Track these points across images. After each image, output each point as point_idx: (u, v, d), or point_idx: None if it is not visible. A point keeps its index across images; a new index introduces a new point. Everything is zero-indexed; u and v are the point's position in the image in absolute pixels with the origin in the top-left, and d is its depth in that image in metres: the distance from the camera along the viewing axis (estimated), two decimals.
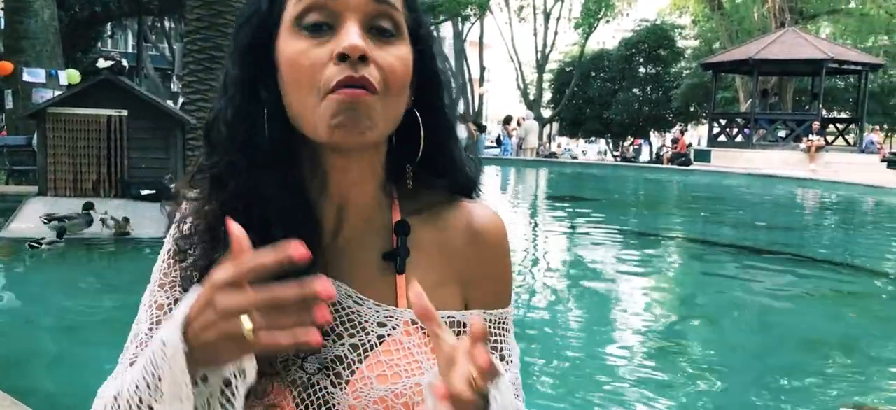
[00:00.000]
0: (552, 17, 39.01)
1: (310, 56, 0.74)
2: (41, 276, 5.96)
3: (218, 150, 0.80)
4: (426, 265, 0.85)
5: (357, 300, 0.81)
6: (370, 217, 0.85)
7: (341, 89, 0.73)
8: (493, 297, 0.87)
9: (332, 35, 0.75)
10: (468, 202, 0.89)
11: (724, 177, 17.09)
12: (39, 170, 8.24)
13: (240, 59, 0.79)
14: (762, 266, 7.07)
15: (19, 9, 14.04)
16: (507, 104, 43.62)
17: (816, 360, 4.34)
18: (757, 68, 19.94)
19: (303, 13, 0.75)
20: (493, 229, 0.88)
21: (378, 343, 0.80)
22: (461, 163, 0.88)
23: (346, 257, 0.84)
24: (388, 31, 0.77)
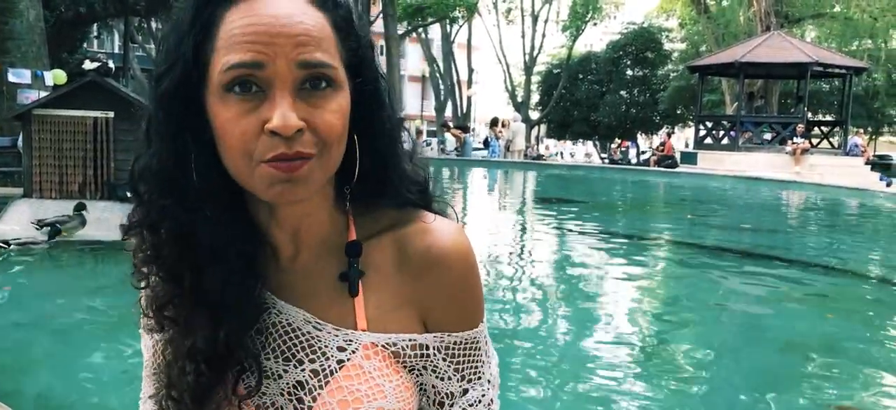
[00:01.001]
0: (540, 19, 39.21)
1: (240, 125, 0.72)
2: (27, 279, 5.92)
3: (147, 200, 0.79)
4: (384, 286, 0.83)
5: (316, 325, 0.81)
6: (326, 240, 0.84)
7: (275, 164, 0.72)
8: (457, 320, 0.85)
9: (263, 98, 0.72)
10: (429, 219, 0.86)
11: (710, 179, 17.21)
12: (25, 171, 8.19)
13: (166, 106, 0.75)
14: (747, 268, 7.15)
15: (4, 9, 13.93)
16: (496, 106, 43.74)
17: (801, 363, 4.38)
18: (743, 71, 20.08)
19: (230, 81, 0.72)
20: (455, 250, 0.84)
21: (338, 369, 0.80)
22: (408, 175, 0.87)
23: (305, 282, 0.83)
24: (322, 83, 0.74)
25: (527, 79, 39.88)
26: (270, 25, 0.71)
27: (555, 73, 38.08)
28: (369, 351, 0.81)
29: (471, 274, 0.86)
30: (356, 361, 0.80)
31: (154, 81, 0.77)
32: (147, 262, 0.82)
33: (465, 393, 0.85)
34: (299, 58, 0.72)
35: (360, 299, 0.82)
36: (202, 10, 0.74)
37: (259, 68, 0.71)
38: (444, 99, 40.22)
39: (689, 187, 16.62)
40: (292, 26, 0.72)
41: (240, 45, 0.71)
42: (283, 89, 0.71)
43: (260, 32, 0.71)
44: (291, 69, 0.72)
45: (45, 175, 7.95)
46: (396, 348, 0.82)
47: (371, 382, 0.80)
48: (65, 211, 6.84)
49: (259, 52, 0.71)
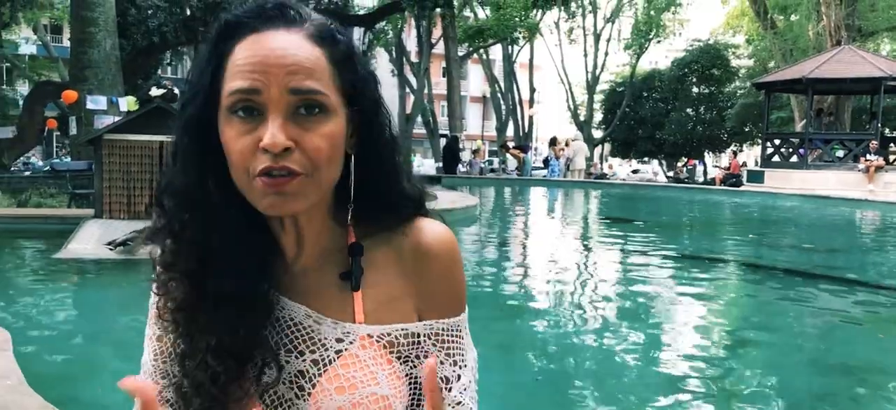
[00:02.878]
0: (602, 38, 38.94)
1: (239, 143, 0.82)
2: (96, 294, 6.21)
3: (170, 212, 0.89)
4: (381, 282, 0.93)
5: (316, 319, 0.90)
6: (326, 245, 0.93)
7: (266, 177, 0.81)
8: (446, 307, 0.95)
9: (261, 121, 0.82)
10: (420, 220, 0.96)
11: (778, 198, 16.71)
12: (96, 193, 8.59)
13: (191, 130, 0.86)
14: (817, 290, 6.84)
15: (83, 40, 14.67)
16: (558, 125, 43.52)
17: (874, 390, 4.18)
18: (811, 87, 19.47)
19: (233, 105, 0.82)
20: (443, 244, 0.95)
21: (336, 358, 0.88)
22: (407, 194, 0.95)
23: (307, 280, 0.92)
24: (315, 109, 0.83)
25: (589, 98, 39.59)
26: (266, 57, 0.82)
27: (618, 91, 37.71)
28: (365, 342, 0.89)
29: (456, 265, 0.96)
30: (353, 351, 0.88)
31: (180, 108, 0.89)
32: (168, 268, 0.90)
33: (458, 378, 0.94)
34: (290, 85, 0.81)
35: (358, 294, 0.91)
36: (217, 46, 0.86)
37: (256, 94, 0.81)
38: (505, 119, 40.25)
39: (755, 206, 16.18)
40: (286, 58, 0.82)
41: (241, 74, 0.82)
42: (275, 112, 0.81)
43: (257, 63, 0.82)
44: (283, 94, 0.81)
45: (115, 196, 8.32)
46: (391, 338, 0.91)
47: (366, 370, 0.88)
48: (133, 231, 7.15)
49: (255, 79, 0.81)
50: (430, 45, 35.35)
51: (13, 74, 35.99)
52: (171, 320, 0.90)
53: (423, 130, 40.43)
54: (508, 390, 3.93)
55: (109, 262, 6.82)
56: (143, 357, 0.97)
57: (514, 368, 4.32)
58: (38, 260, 7.53)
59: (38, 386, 2.96)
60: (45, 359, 4.00)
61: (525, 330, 5.27)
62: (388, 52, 38.62)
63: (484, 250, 9.28)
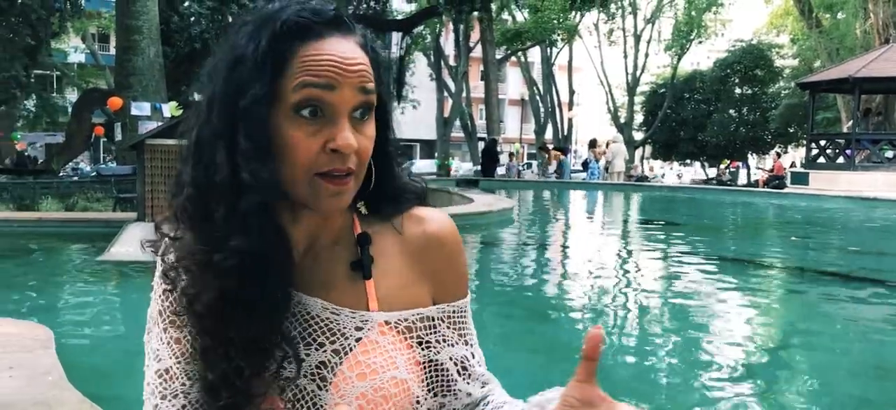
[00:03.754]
0: (642, 39, 38.56)
1: (307, 144, 0.84)
2: (136, 296, 6.34)
3: (208, 198, 0.86)
4: (391, 269, 0.96)
5: (333, 311, 0.91)
6: (337, 236, 0.96)
7: (329, 179, 0.85)
8: (454, 290, 1.00)
9: (325, 122, 0.85)
10: (422, 210, 1.01)
11: (823, 200, 16.32)
12: (138, 197, 8.78)
13: (257, 128, 0.84)
14: (864, 295, 6.65)
15: (128, 48, 15.04)
16: (598, 127, 43.17)
17: None
18: (858, 86, 19.00)
19: (303, 101, 0.84)
20: (448, 230, 1.00)
21: (356, 346, 0.90)
22: (407, 185, 1.01)
23: (319, 274, 0.94)
24: (365, 114, 0.88)
25: (630, 100, 39.22)
26: (342, 59, 0.86)
27: (659, 93, 37.25)
28: (384, 328, 0.92)
29: (460, 249, 1.02)
30: (372, 337, 0.91)
31: (236, 103, 0.85)
32: (185, 269, 0.89)
33: (474, 356, 1.00)
34: (360, 84, 0.87)
35: (371, 283, 0.94)
36: (276, 44, 0.85)
37: (330, 90, 0.85)
38: (543, 121, 40.08)
39: (800, 208, 15.82)
40: (356, 61, 0.87)
41: (315, 72, 0.85)
42: (344, 114, 0.86)
43: (333, 63, 0.85)
44: (354, 94, 0.86)
45: (156, 200, 8.47)
46: (408, 323, 0.94)
47: (385, 355, 0.90)
48: None
49: (333, 76, 0.85)
50: (468, 48, 35.42)
51: (62, 82, 37.04)
52: (190, 315, 0.89)
53: (461, 134, 40.46)
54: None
55: (151, 264, 6.95)
56: (159, 363, 0.92)
57: (550, 371, 4.30)
58: (82, 262, 7.73)
59: (77, 382, 3.03)
60: (85, 357, 4.10)
61: (562, 334, 5.23)
62: (426, 56, 38.78)
63: (520, 253, 9.24)
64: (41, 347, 3.49)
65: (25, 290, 6.32)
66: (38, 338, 3.62)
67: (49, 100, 33.84)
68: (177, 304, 0.91)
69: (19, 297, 6.03)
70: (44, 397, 2.82)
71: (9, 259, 8.02)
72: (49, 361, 3.26)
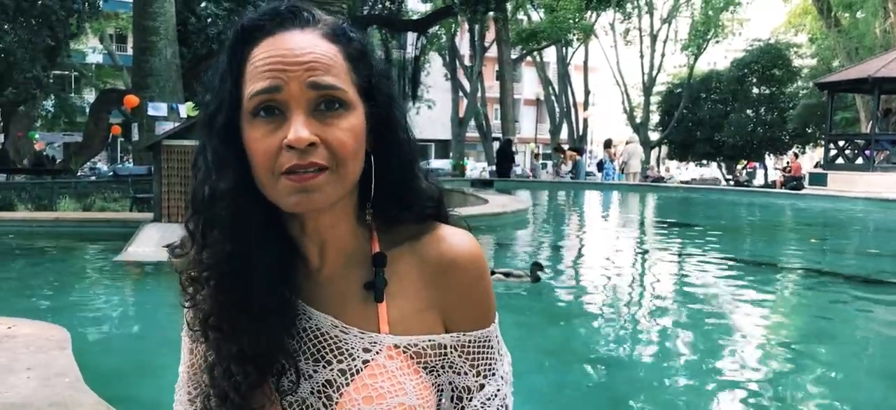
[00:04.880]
0: (659, 39, 38.32)
1: (264, 144, 0.83)
2: (153, 296, 6.38)
3: (201, 221, 0.89)
4: (405, 293, 0.92)
5: (343, 329, 0.90)
6: (350, 251, 0.93)
7: (292, 175, 0.82)
8: (472, 320, 0.94)
9: (284, 119, 0.83)
10: (444, 229, 0.95)
11: (842, 201, 16.14)
12: (155, 198, 8.83)
13: (224, 138, 0.87)
14: (884, 297, 6.59)
15: (145, 49, 15.15)
16: (613, 127, 42.98)
17: None
18: (878, 86, 18.77)
19: (255, 107, 0.84)
20: (468, 256, 0.93)
21: (363, 368, 0.88)
22: (425, 192, 0.95)
23: (332, 289, 0.92)
24: (336, 105, 0.85)
25: (646, 100, 39.01)
26: (284, 56, 0.84)
27: (676, 93, 37.00)
28: (392, 352, 0.89)
29: (483, 276, 0.95)
30: (380, 361, 0.89)
31: (207, 117, 0.90)
32: (194, 281, 0.91)
33: (481, 389, 0.93)
34: (309, 80, 0.83)
35: (383, 305, 0.91)
36: (234, 51, 0.87)
37: (277, 91, 0.83)
38: (559, 121, 39.97)
39: (818, 210, 15.67)
40: (303, 55, 0.84)
41: (260, 75, 0.84)
42: (297, 109, 0.83)
43: (276, 62, 0.84)
44: (303, 91, 0.83)
45: (173, 200, 8.51)
46: (417, 348, 0.91)
47: (393, 380, 0.88)
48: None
49: (275, 77, 0.83)
50: (484, 48, 35.36)
51: (80, 83, 37.38)
52: (200, 331, 0.91)
53: (476, 134, 40.44)
54: (558, 395, 3.89)
55: (167, 265, 6.99)
56: (181, 368, 1.02)
57: (564, 373, 4.28)
58: (99, 262, 7.79)
59: (94, 384, 3.04)
60: (101, 358, 4.13)
61: (577, 335, 5.21)
62: (441, 56, 38.75)
63: (534, 255, 9.21)
64: (57, 348, 3.51)
65: (42, 290, 6.38)
66: (54, 339, 3.65)
67: (67, 101, 34.23)
68: (192, 317, 0.94)
69: (36, 297, 6.09)
70: (60, 398, 2.83)
71: (26, 258, 8.11)
72: (65, 362, 3.28)
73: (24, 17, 17.36)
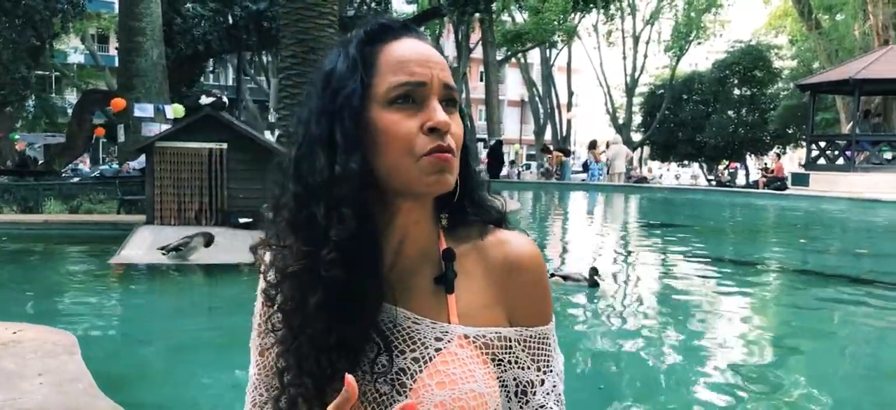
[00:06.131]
0: (641, 40, 38.57)
1: (404, 126, 0.91)
2: (150, 299, 6.37)
3: (321, 197, 0.91)
4: (472, 289, 0.98)
5: (415, 320, 0.95)
6: (423, 249, 0.99)
7: (434, 154, 0.90)
8: (533, 317, 1.00)
9: (418, 109, 0.92)
10: (505, 233, 1.03)
11: (824, 201, 16.35)
12: (147, 200, 8.78)
13: (355, 120, 0.91)
14: (866, 297, 6.69)
15: (131, 49, 15.06)
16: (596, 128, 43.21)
17: None
18: (858, 88, 19.03)
19: (397, 95, 0.92)
20: (530, 257, 1.01)
21: (436, 355, 0.93)
22: (491, 203, 1.04)
23: (403, 284, 0.97)
24: (452, 105, 0.96)
25: (628, 101, 39.22)
26: (428, 56, 0.95)
27: (658, 94, 37.20)
28: (463, 342, 0.94)
29: (543, 276, 1.02)
30: (452, 349, 0.93)
31: (334, 104, 0.93)
32: (286, 277, 0.94)
33: (542, 383, 0.99)
34: (444, 79, 0.95)
35: (452, 297, 0.97)
36: (363, 48, 0.95)
37: (422, 86, 0.92)
38: (543, 122, 40.11)
39: (801, 210, 15.87)
40: (438, 58, 0.96)
41: (407, 69, 0.93)
42: (436, 99, 0.93)
43: (422, 58, 0.94)
44: (440, 86, 0.94)
45: (165, 203, 8.49)
46: (485, 339, 0.96)
47: (464, 367, 0.93)
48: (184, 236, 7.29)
49: (422, 73, 0.93)
50: (469, 49, 35.41)
51: (62, 83, 36.97)
52: (286, 329, 0.94)
53: None
54: None
55: (162, 267, 6.99)
56: (251, 369, 1.05)
57: None
58: (94, 266, 7.74)
59: (104, 389, 3.06)
60: (108, 363, 4.12)
61: (563, 335, 5.24)
62: None
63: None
64: (66, 353, 3.51)
65: (39, 294, 6.34)
66: (62, 344, 3.65)
67: (48, 101, 33.82)
68: (273, 320, 0.97)
69: (34, 301, 6.05)
70: (76, 404, 2.85)
71: (18, 262, 8.04)
72: (76, 367, 3.29)
73: (7, 17, 17.17)
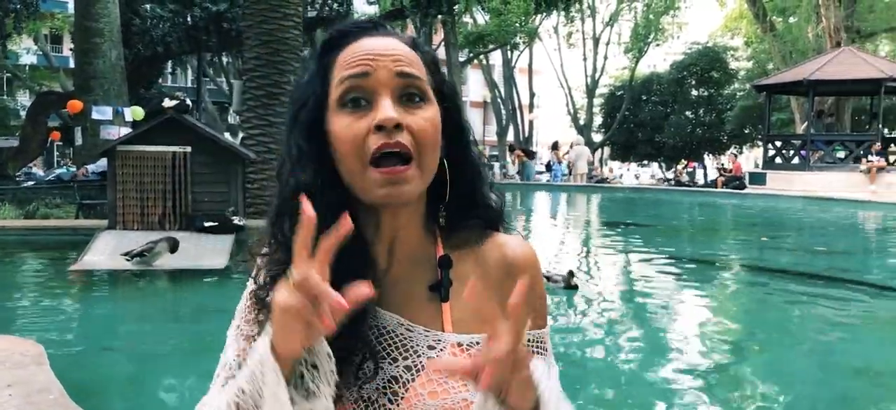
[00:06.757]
0: (601, 42, 38.99)
1: (353, 129, 0.89)
2: (114, 306, 6.25)
3: (286, 211, 0.91)
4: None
5: (408, 327, 0.93)
6: (416, 253, 0.97)
7: (382, 167, 0.87)
8: (530, 321, 0.97)
9: (370, 109, 0.89)
10: (502, 236, 1.02)
11: (781, 200, 16.75)
12: (109, 204, 8.60)
13: (306, 135, 0.92)
14: (821, 292, 6.88)
15: (88, 50, 14.73)
16: (558, 129, 43.55)
17: (879, 389, 4.24)
18: (812, 89, 19.54)
19: (343, 94, 0.90)
20: (526, 259, 1.00)
21: (428, 364, 0.91)
22: (489, 200, 1.02)
23: (397, 290, 0.95)
24: (416, 98, 0.91)
25: (589, 102, 39.61)
26: (373, 47, 0.91)
27: (617, 95, 37.67)
28: (456, 350, 0.92)
29: (539, 279, 1.01)
30: (444, 357, 0.91)
31: (292, 113, 0.95)
32: (274, 281, 0.90)
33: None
34: (397, 68, 0.90)
35: (447, 305, 0.95)
36: (322, 58, 0.95)
37: (365, 77, 0.89)
38: (505, 123, 40.30)
39: (758, 209, 16.22)
40: (390, 49, 0.92)
41: (350, 65, 0.91)
42: (385, 94, 0.89)
43: (366, 52, 0.91)
44: (391, 77, 0.89)
45: (128, 207, 8.33)
46: (479, 347, 0.90)
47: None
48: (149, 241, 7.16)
49: (365, 64, 0.90)
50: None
51: (13, 85, 36.03)
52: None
53: None
54: None
55: (126, 273, 6.86)
56: (225, 355, 0.97)
57: None
58: (55, 272, 7.56)
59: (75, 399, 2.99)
60: (76, 372, 4.03)
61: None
62: None
63: None
64: (34, 363, 3.43)
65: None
66: (30, 354, 3.55)
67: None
68: (260, 319, 0.95)
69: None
70: None
71: None
72: (46, 378, 3.21)
73: None
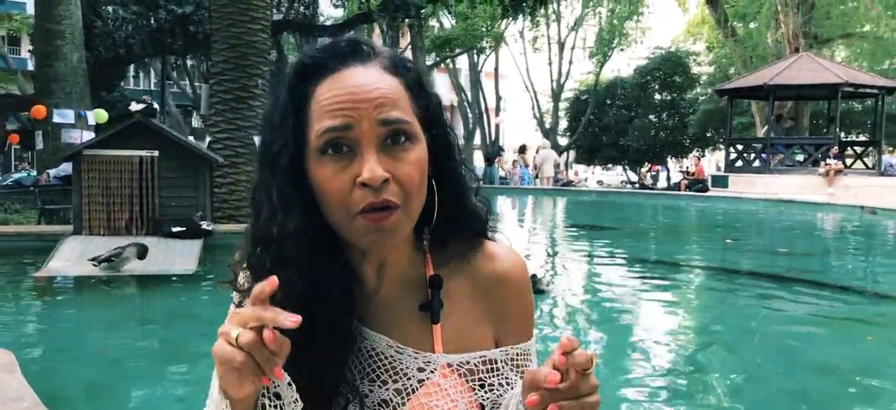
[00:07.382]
0: (566, 46, 39.43)
1: (336, 182, 0.83)
2: (83, 312, 6.15)
3: (270, 253, 0.88)
4: (459, 311, 0.95)
5: (397, 349, 0.92)
6: (406, 273, 0.96)
7: (368, 213, 0.83)
8: (519, 332, 0.98)
9: (353, 157, 0.84)
10: (491, 245, 1.00)
11: (742, 202, 17.05)
12: (74, 210, 8.45)
13: (288, 179, 0.86)
14: (782, 293, 7.03)
15: (49, 53, 14.44)
16: (524, 133, 43.83)
17: (839, 386, 4.34)
18: (772, 93, 19.97)
19: (324, 145, 0.84)
20: (516, 271, 0.99)
21: (418, 387, 0.91)
22: (476, 211, 0.99)
23: (387, 311, 0.94)
24: (401, 138, 0.86)
25: (555, 106, 39.96)
26: (353, 93, 0.84)
27: (583, 99, 38.08)
28: (446, 371, 0.91)
29: (528, 289, 1.01)
30: (434, 379, 0.91)
31: (270, 158, 0.88)
32: None
33: None
34: (379, 117, 0.84)
35: (438, 327, 0.93)
36: (295, 90, 0.88)
37: (348, 130, 0.83)
38: (472, 127, 40.44)
39: (721, 211, 16.48)
40: (372, 91, 0.84)
41: (330, 113, 0.84)
42: (368, 146, 0.83)
43: (345, 100, 0.84)
44: (373, 127, 0.83)
45: (94, 212, 8.19)
46: (470, 366, 0.93)
47: (447, 398, 0.90)
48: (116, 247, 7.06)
49: (346, 116, 0.83)
50: None
51: None
52: None
53: None
54: None
55: (93, 279, 6.76)
56: (211, 387, 0.89)
57: None
58: (18, 279, 7.40)
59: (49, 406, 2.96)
60: (47, 379, 3.96)
61: None
62: None
63: None
64: (5, 371, 3.37)
65: None
66: (1, 362, 3.50)
67: None
68: None
69: None
70: None
71: None
72: (18, 386, 3.16)
73: None
